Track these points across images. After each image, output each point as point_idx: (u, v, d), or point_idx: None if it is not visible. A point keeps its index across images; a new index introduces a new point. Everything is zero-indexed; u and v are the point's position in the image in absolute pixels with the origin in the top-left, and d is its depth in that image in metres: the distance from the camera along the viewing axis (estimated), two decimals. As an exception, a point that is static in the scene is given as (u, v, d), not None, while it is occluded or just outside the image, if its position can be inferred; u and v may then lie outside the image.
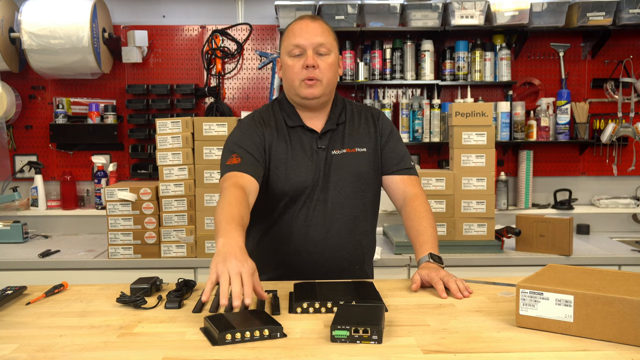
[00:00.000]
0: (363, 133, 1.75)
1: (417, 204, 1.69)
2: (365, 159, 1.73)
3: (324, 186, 1.69)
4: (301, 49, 1.65)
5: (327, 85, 1.68)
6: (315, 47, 1.65)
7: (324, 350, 1.09)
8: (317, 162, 1.69)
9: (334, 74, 1.70)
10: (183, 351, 1.10)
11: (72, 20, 3.00)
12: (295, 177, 1.68)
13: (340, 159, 1.71)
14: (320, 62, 1.65)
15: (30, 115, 3.39)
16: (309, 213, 1.69)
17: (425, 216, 1.66)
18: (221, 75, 3.40)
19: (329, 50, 1.67)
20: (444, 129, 3.26)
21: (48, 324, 1.28)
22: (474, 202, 2.66)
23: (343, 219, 1.71)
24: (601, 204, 3.34)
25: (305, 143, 1.71)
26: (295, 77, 1.67)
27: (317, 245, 1.70)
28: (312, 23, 1.67)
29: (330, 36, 1.69)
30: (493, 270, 2.62)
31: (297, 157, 1.69)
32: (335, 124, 1.74)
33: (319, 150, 1.71)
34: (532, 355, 1.06)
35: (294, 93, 1.70)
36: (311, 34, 1.65)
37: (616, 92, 3.34)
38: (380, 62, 3.28)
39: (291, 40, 1.67)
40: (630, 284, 1.17)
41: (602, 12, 3.11)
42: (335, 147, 1.72)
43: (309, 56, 1.64)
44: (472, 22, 3.14)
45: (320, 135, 1.72)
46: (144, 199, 2.67)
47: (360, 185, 1.72)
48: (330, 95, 1.73)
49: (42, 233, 3.22)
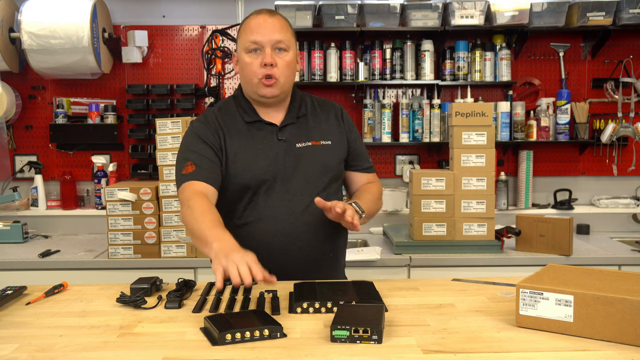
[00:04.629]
0: (327, 126, 1.76)
1: (369, 184, 1.81)
2: (330, 151, 1.73)
3: (288, 177, 1.67)
4: (259, 45, 1.63)
5: (284, 84, 1.67)
6: (273, 44, 1.63)
7: (324, 350, 1.09)
8: (278, 153, 1.67)
9: (292, 71, 1.69)
10: (183, 351, 1.10)
11: (72, 20, 3.00)
12: (254, 169, 1.65)
13: (306, 151, 1.70)
14: (278, 59, 1.63)
15: (30, 115, 3.39)
16: (274, 204, 1.66)
17: (370, 191, 1.76)
18: (221, 75, 3.40)
19: (288, 47, 1.65)
20: (444, 129, 3.26)
21: (48, 324, 1.29)
22: (474, 202, 2.66)
23: (312, 208, 1.65)
24: (601, 204, 3.34)
25: (265, 136, 1.70)
26: (253, 75, 1.65)
27: (286, 236, 1.67)
28: (270, 19, 1.65)
29: (289, 32, 1.68)
30: (493, 270, 2.62)
31: (255, 150, 1.67)
32: (295, 117, 1.73)
33: (279, 142, 1.69)
34: (532, 355, 1.06)
35: (251, 90, 1.69)
36: (269, 30, 1.62)
37: (616, 92, 3.34)
38: (380, 62, 3.28)
39: (248, 36, 1.64)
40: (630, 284, 1.17)
41: (602, 12, 3.11)
42: (300, 139, 1.71)
43: (267, 54, 1.62)
44: (472, 22, 3.14)
45: (280, 128, 1.71)
46: (144, 199, 2.67)
47: (328, 176, 1.72)
48: (288, 92, 1.73)
49: (42, 233, 3.22)
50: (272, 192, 1.67)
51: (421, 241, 2.69)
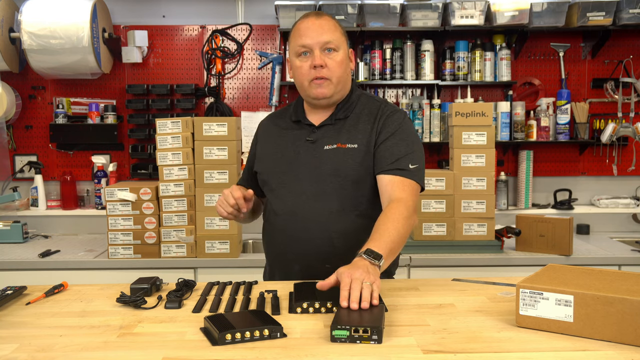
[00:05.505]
0: (360, 129, 1.67)
1: (392, 206, 1.51)
2: (351, 155, 1.64)
3: (301, 178, 1.66)
4: (308, 48, 1.62)
5: (337, 84, 1.65)
6: (322, 46, 1.62)
7: (324, 350, 1.09)
8: (300, 153, 1.67)
9: (344, 70, 1.66)
10: (183, 351, 1.10)
11: (72, 20, 3.00)
12: (274, 168, 1.71)
13: (329, 154, 1.65)
14: (328, 60, 1.62)
15: (30, 115, 3.39)
16: (284, 203, 1.68)
17: (392, 218, 1.47)
18: (221, 75, 3.40)
19: (337, 47, 1.64)
20: (444, 129, 3.26)
21: (48, 324, 1.28)
22: (474, 202, 2.66)
23: (316, 212, 1.63)
24: (601, 204, 3.34)
25: (297, 136, 1.71)
26: (304, 78, 1.64)
27: (289, 236, 1.67)
28: (317, 20, 1.64)
29: (338, 31, 1.66)
30: (493, 270, 2.62)
31: (282, 150, 1.71)
32: (334, 119, 1.69)
33: (307, 143, 1.68)
34: (532, 355, 1.06)
35: (304, 94, 1.69)
36: (317, 32, 1.62)
37: (616, 92, 3.34)
38: (380, 62, 3.28)
39: (297, 41, 1.63)
40: (630, 284, 1.17)
41: (602, 12, 3.11)
42: (329, 141, 1.67)
43: (316, 56, 1.61)
44: (472, 22, 3.14)
45: (315, 129, 1.70)
46: (144, 199, 2.67)
47: (339, 181, 1.63)
48: (342, 92, 1.69)
49: (42, 233, 3.22)
50: (284, 190, 1.68)
51: (421, 241, 2.69)
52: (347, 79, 1.69)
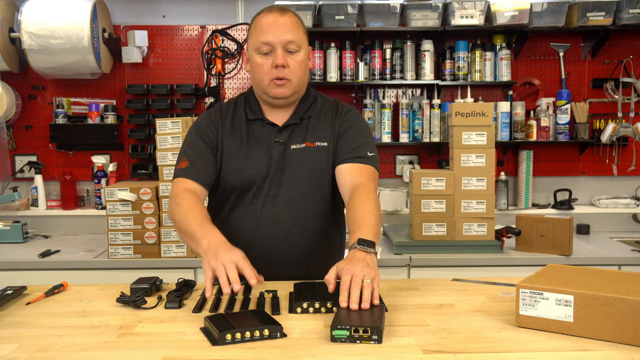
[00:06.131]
0: (325, 127, 1.68)
1: (359, 192, 1.54)
2: (324, 154, 1.65)
3: (277, 181, 1.64)
4: (270, 46, 1.58)
5: (297, 84, 1.63)
6: (284, 45, 1.58)
7: (324, 350, 1.09)
8: (272, 156, 1.64)
9: (304, 71, 1.64)
10: (183, 351, 1.10)
11: (72, 20, 3.00)
12: (245, 171, 1.64)
13: (298, 154, 1.64)
14: (290, 60, 1.59)
15: (30, 115, 3.39)
16: (258, 209, 1.64)
17: (365, 203, 1.49)
18: (221, 75, 3.40)
19: (299, 47, 1.60)
20: (444, 129, 3.26)
21: (48, 324, 1.28)
22: (474, 202, 2.66)
23: (295, 215, 1.64)
24: (601, 204, 3.34)
25: (262, 137, 1.66)
26: (264, 76, 1.60)
27: (266, 242, 1.64)
28: (281, 17, 1.59)
29: (300, 30, 1.62)
30: (493, 270, 2.62)
31: (251, 150, 1.65)
32: (299, 119, 1.67)
33: (276, 144, 1.65)
34: (532, 355, 1.06)
35: (262, 91, 1.65)
36: (281, 30, 1.57)
37: (616, 92, 3.34)
38: (380, 62, 3.28)
39: (259, 37, 1.59)
40: (630, 284, 1.17)
41: (602, 12, 3.11)
42: (296, 141, 1.66)
43: (279, 55, 1.57)
44: (472, 22, 3.14)
45: (280, 129, 1.66)
46: (144, 199, 2.67)
47: (316, 181, 1.65)
48: (300, 92, 1.68)
49: (42, 233, 3.22)
50: (259, 195, 1.64)
51: (421, 241, 2.69)
52: (306, 79, 1.68)
